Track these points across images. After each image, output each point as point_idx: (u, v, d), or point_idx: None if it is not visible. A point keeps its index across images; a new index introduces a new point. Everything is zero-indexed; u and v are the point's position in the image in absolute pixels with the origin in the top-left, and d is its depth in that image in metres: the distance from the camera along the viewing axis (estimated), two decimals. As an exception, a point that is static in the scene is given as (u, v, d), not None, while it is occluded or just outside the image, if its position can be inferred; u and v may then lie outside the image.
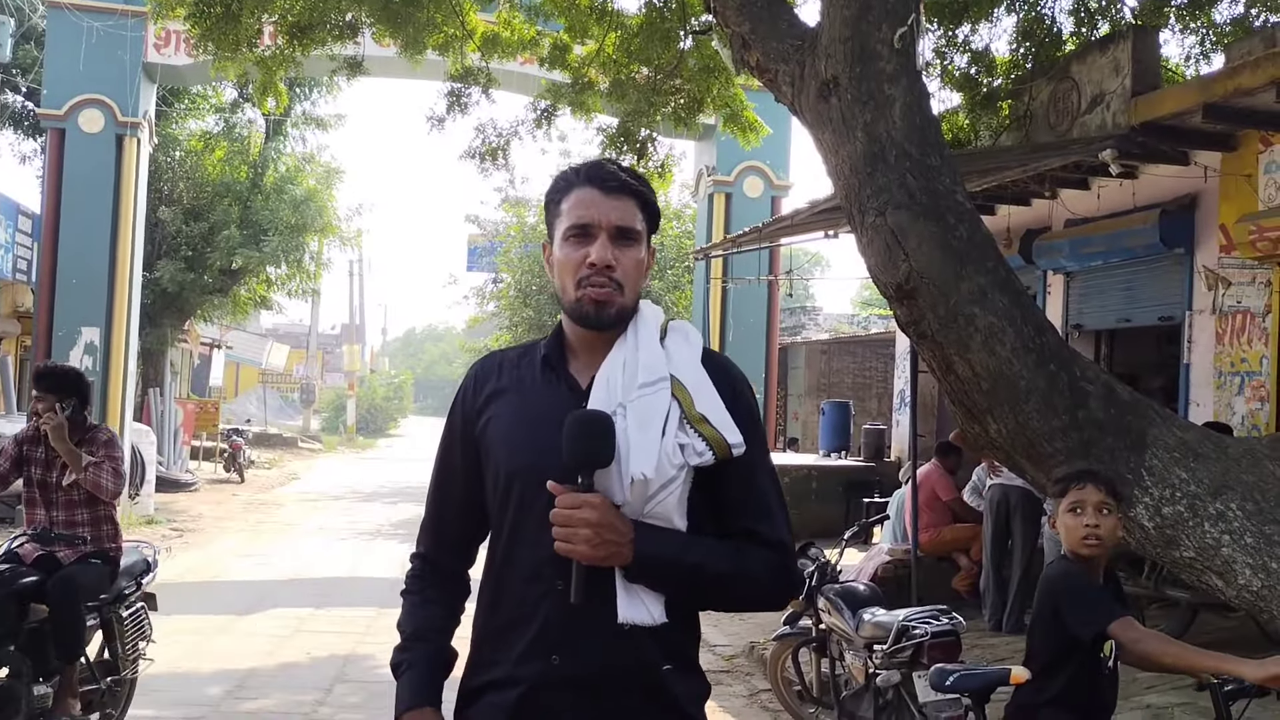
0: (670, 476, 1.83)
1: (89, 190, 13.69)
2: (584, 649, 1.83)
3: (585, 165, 2.01)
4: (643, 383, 1.87)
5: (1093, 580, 3.20)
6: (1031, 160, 7.68)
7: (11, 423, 14.77)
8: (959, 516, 8.59)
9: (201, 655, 7.42)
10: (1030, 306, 4.80)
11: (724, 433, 1.86)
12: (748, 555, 1.89)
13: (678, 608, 1.87)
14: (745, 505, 1.92)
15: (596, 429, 1.82)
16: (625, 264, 1.93)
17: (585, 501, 1.79)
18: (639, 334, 1.94)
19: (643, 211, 1.97)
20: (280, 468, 27.23)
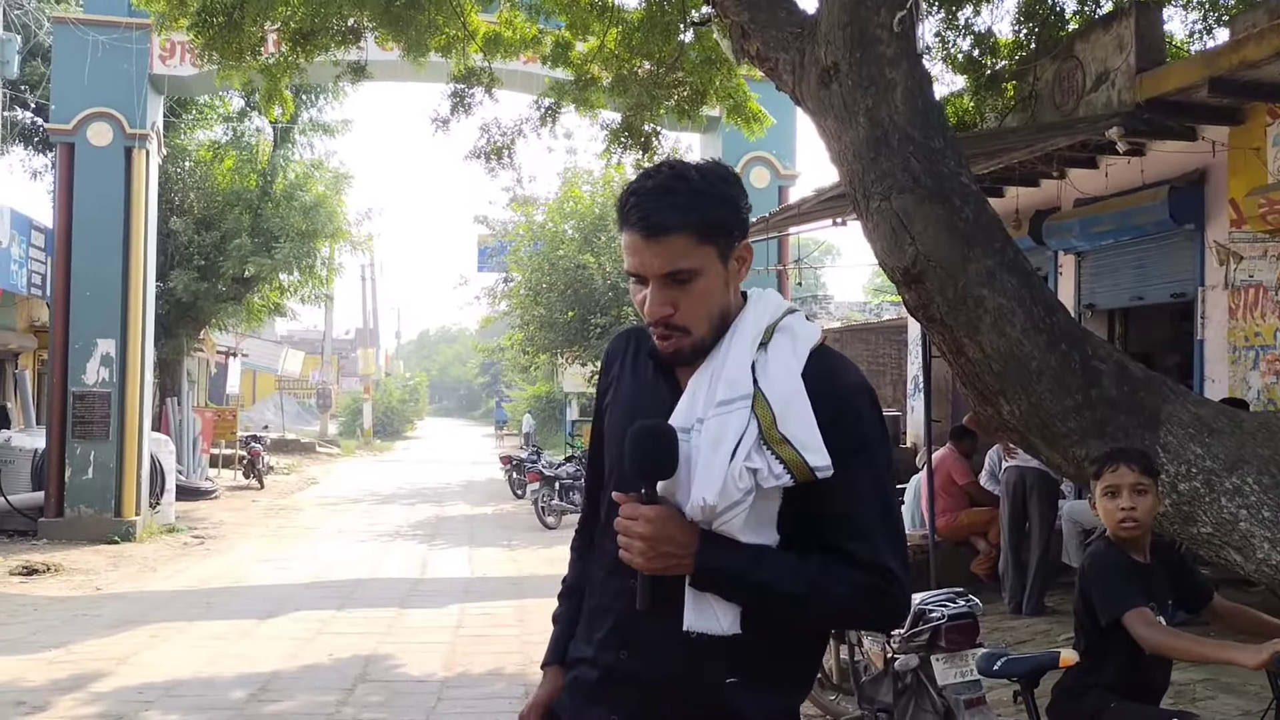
0: (735, 500, 1.77)
1: (100, 203, 13.76)
2: (649, 650, 1.83)
3: (631, 200, 1.87)
4: (721, 400, 1.80)
5: (1133, 561, 3.18)
6: (1038, 140, 7.65)
7: (31, 436, 14.90)
8: (975, 500, 8.58)
9: (225, 660, 7.47)
10: (1039, 286, 4.79)
11: (805, 455, 1.76)
12: (831, 576, 1.79)
13: (756, 621, 1.80)
14: (840, 523, 1.81)
15: (656, 444, 1.78)
16: (685, 304, 1.85)
17: (641, 514, 1.77)
18: (733, 342, 1.86)
19: (700, 238, 1.84)
20: (299, 473, 27.35)
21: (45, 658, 7.48)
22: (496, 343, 31.43)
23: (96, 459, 13.69)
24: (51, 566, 11.62)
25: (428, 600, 9.83)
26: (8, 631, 8.45)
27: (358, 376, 51.66)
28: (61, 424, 13.67)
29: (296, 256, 20.17)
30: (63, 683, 6.77)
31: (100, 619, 8.96)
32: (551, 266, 23.33)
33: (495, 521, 17.29)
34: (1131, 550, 3.22)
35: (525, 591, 9.88)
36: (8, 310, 16.55)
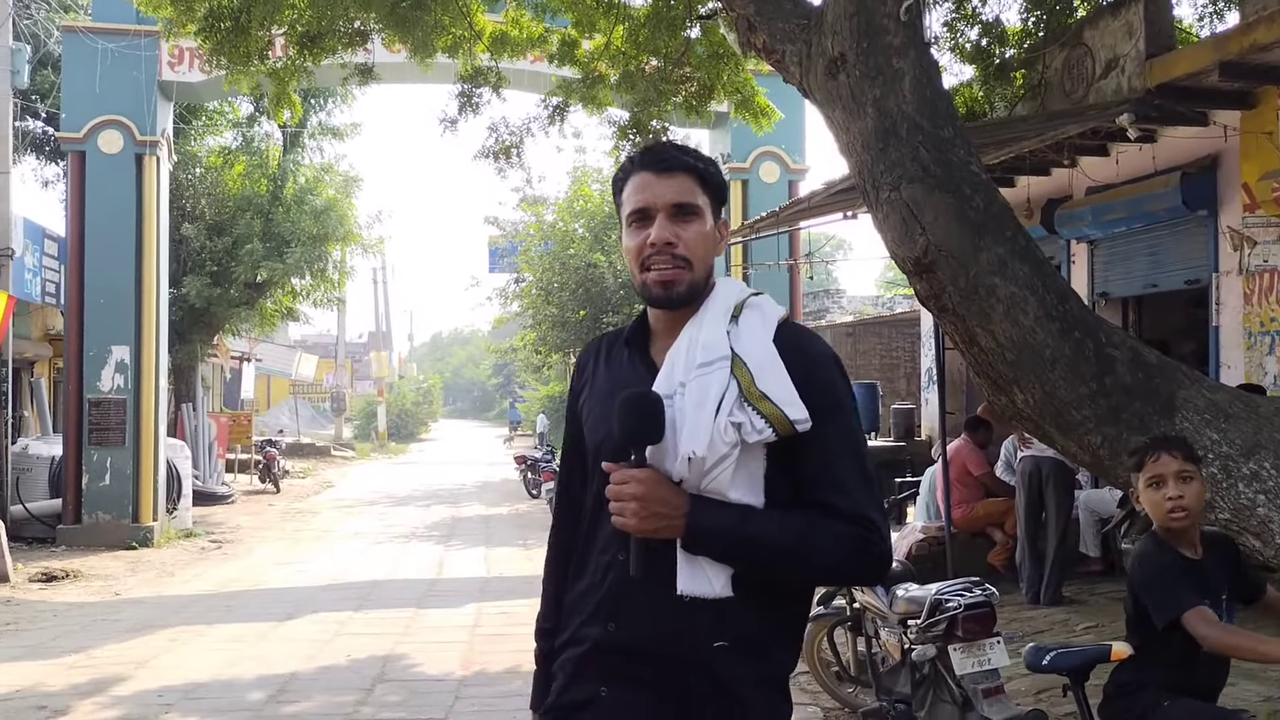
0: (723, 454, 1.85)
1: (112, 210, 13.83)
2: (636, 619, 1.89)
3: (640, 151, 2.04)
4: (701, 362, 1.90)
5: (1184, 557, 3.10)
6: (1048, 129, 7.61)
7: (48, 444, 14.99)
8: (991, 491, 8.55)
9: (244, 662, 7.50)
10: (1051, 274, 4.76)
11: (785, 409, 1.85)
12: (817, 529, 1.87)
13: (748, 584, 1.87)
14: (820, 479, 1.90)
15: (643, 408, 1.86)
16: (688, 238, 1.95)
17: (632, 476, 1.84)
18: (706, 313, 1.96)
19: (702, 186, 1.99)
20: (315, 476, 27.45)
21: (65, 662, 7.52)
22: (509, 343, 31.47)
23: (113, 465, 13.76)
24: (70, 572, 11.69)
25: (444, 600, 9.85)
26: (28, 637, 8.50)
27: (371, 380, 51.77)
28: (78, 431, 13.75)
29: (308, 260, 20.25)
30: (83, 687, 6.81)
31: (119, 623, 9.01)
32: (562, 266, 23.35)
33: (511, 521, 17.31)
34: (1180, 545, 3.12)
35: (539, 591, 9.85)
36: (23, 319, 16.64)
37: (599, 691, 1.93)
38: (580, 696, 1.96)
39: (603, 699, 1.92)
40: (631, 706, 1.90)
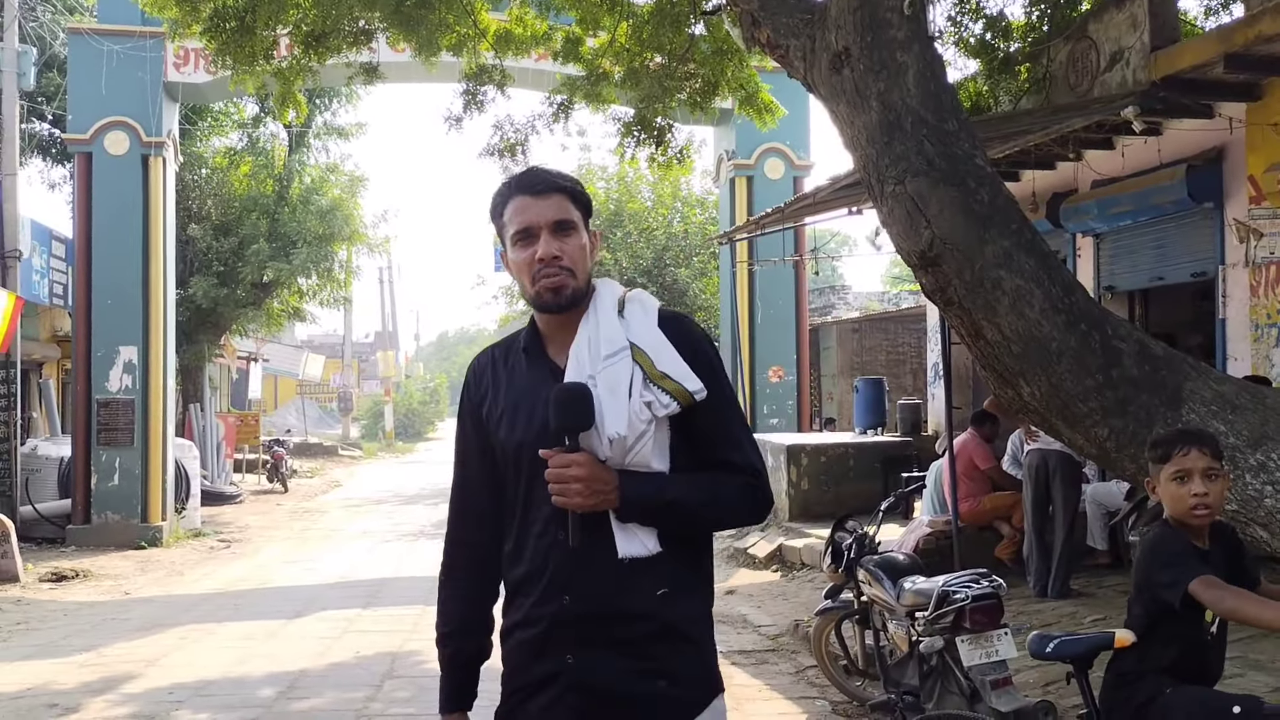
0: (641, 430, 2.11)
1: (118, 212, 13.88)
2: (589, 587, 2.12)
3: (515, 177, 2.30)
4: (606, 354, 2.15)
5: (1193, 543, 3.10)
6: (1053, 122, 7.60)
7: (57, 445, 15.04)
8: (998, 485, 8.55)
9: (253, 659, 7.53)
10: (1057, 267, 4.76)
11: (684, 383, 2.13)
12: (721, 483, 2.19)
13: (670, 538, 2.15)
14: (716, 440, 2.21)
15: (574, 398, 2.10)
16: (569, 250, 2.21)
17: (573, 460, 2.08)
18: (598, 312, 2.21)
19: (574, 203, 2.25)
20: (322, 476, 27.50)
21: (76, 661, 7.56)
22: (515, 342, 31.42)
23: (122, 466, 13.82)
24: (80, 572, 11.74)
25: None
26: (39, 636, 8.54)
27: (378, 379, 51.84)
28: (86, 432, 13.80)
29: (314, 260, 20.30)
30: (94, 685, 6.84)
31: (129, 622, 9.05)
32: (569, 261, 23.33)
33: (518, 519, 17.30)
34: (1191, 535, 3.13)
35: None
36: (31, 321, 16.70)
37: (566, 660, 2.12)
38: (546, 671, 2.14)
39: (570, 665, 2.12)
40: (602, 665, 2.11)
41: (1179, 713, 3.05)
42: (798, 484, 11.75)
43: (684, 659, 2.16)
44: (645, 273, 22.51)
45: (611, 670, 2.11)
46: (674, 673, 2.14)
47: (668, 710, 2.14)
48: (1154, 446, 3.25)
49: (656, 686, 2.12)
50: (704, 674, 2.20)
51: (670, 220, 23.77)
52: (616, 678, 2.11)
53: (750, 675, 6.85)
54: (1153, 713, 3.09)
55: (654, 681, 2.12)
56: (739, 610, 8.87)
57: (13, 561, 11.13)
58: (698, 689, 2.18)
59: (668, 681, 2.13)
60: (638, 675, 2.11)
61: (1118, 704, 3.19)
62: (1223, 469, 3.17)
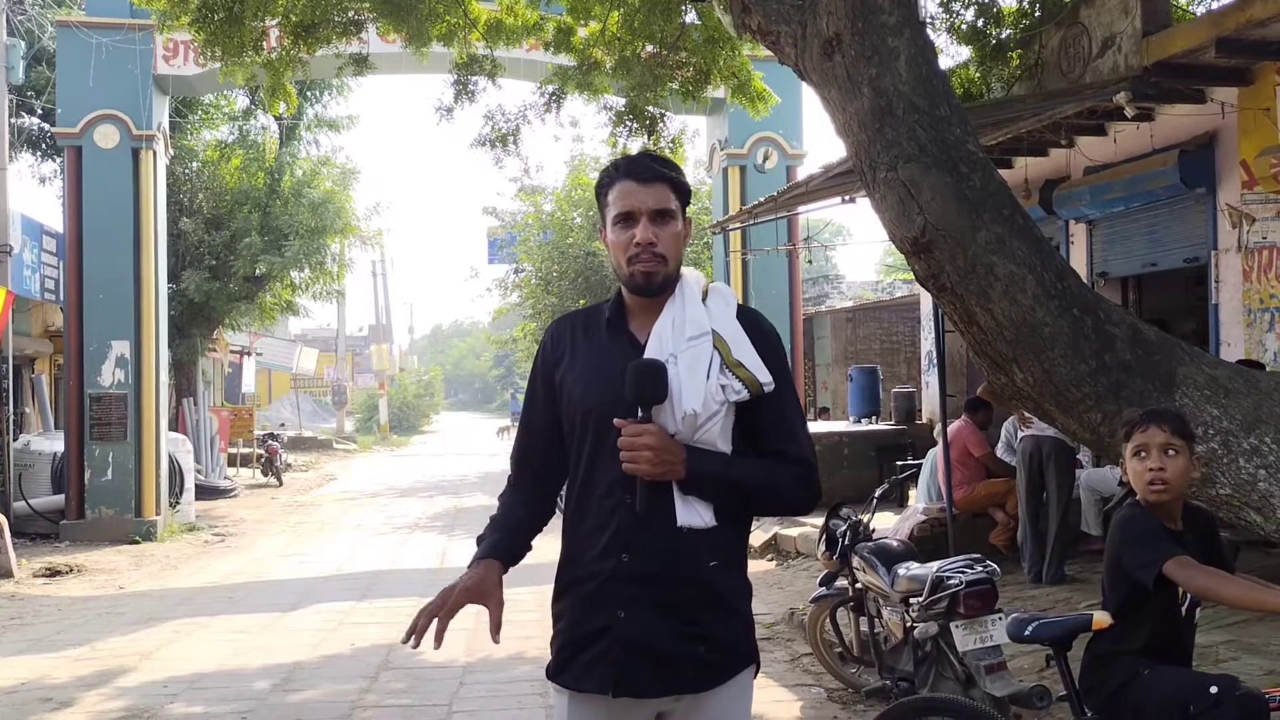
0: (714, 411, 2.26)
1: (109, 205, 13.81)
2: (648, 549, 2.26)
3: (624, 161, 2.43)
4: (690, 336, 2.30)
5: (1163, 524, 3.11)
6: (1045, 109, 7.58)
7: (49, 440, 15.00)
8: (992, 472, 8.55)
9: (249, 653, 7.52)
10: (1050, 253, 4.75)
11: (757, 374, 2.29)
12: (778, 471, 2.34)
13: (725, 515, 2.30)
14: (776, 431, 2.35)
15: (653, 373, 2.25)
16: (665, 239, 2.35)
17: (646, 430, 2.22)
18: (685, 296, 2.36)
19: (675, 193, 2.39)
20: (317, 470, 27.46)
21: (70, 655, 7.55)
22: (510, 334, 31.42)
23: (115, 460, 13.78)
24: (74, 567, 11.71)
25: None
26: (33, 631, 8.52)
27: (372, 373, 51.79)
28: (79, 427, 13.75)
29: (307, 253, 20.22)
30: (88, 679, 6.83)
31: (124, 617, 9.03)
32: (561, 255, 23.32)
33: (513, 511, 17.29)
34: (1162, 517, 3.14)
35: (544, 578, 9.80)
36: (22, 316, 16.64)
37: (617, 614, 2.27)
38: (598, 625, 2.29)
39: (621, 620, 2.27)
40: (648, 622, 2.26)
41: (1156, 693, 3.07)
42: (792, 473, 11.73)
43: (726, 628, 2.31)
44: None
45: (657, 629, 2.25)
46: (715, 639, 2.28)
47: (705, 672, 2.28)
48: (1122, 425, 3.29)
49: (697, 650, 2.26)
50: (742, 645, 2.34)
51: (663, 210, 23.72)
52: (661, 637, 2.25)
53: (746, 664, 6.85)
54: (1131, 693, 3.11)
55: (695, 645, 2.26)
56: (734, 599, 8.87)
57: (6, 557, 11.10)
58: (733, 657, 2.32)
59: (707, 647, 2.27)
60: (681, 637, 2.26)
61: (1096, 685, 3.21)
62: (1185, 446, 3.17)
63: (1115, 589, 3.19)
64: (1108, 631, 3.17)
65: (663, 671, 2.26)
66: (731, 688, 2.31)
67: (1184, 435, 3.18)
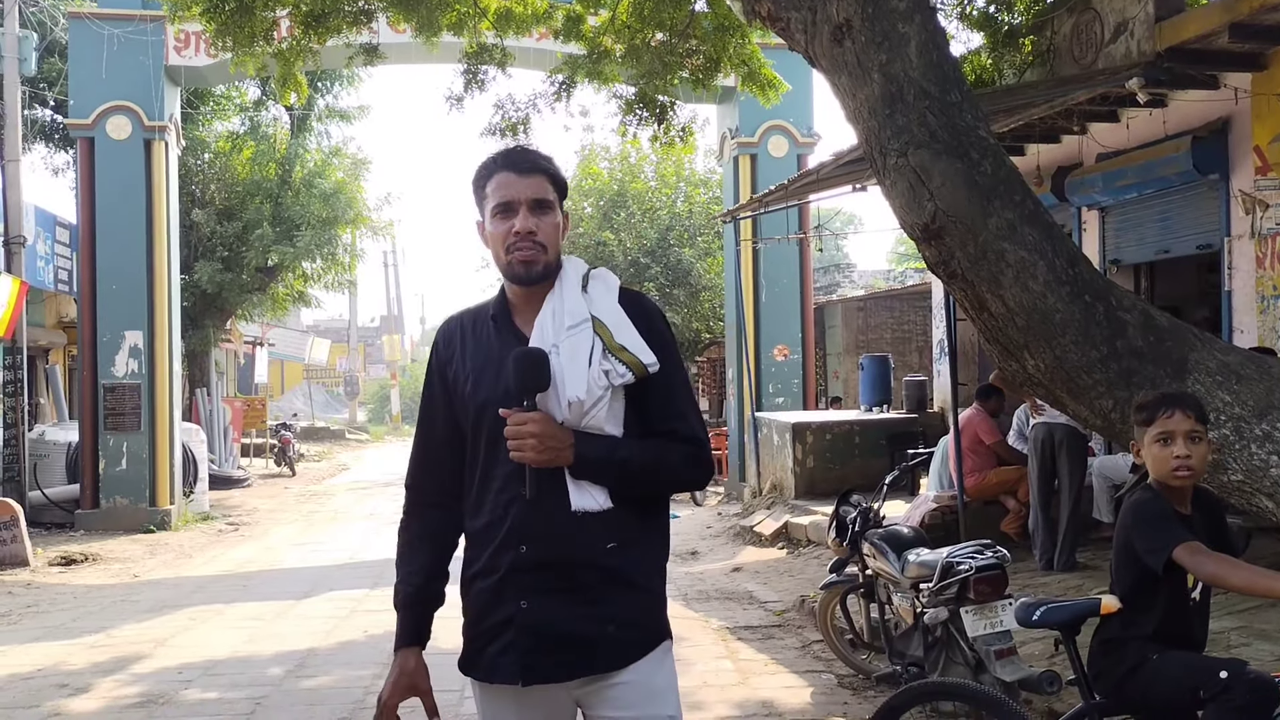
0: (598, 396, 2.29)
1: (122, 196, 13.87)
2: (544, 537, 2.28)
3: (501, 154, 2.44)
4: (569, 325, 2.32)
5: (1176, 508, 3.12)
6: (1057, 95, 7.55)
7: (64, 430, 15.10)
8: (1004, 459, 8.53)
9: (262, 639, 7.57)
10: (1061, 239, 4.74)
11: (640, 355, 2.31)
12: (668, 450, 2.36)
13: (620, 497, 2.32)
14: (665, 411, 2.38)
15: (533, 361, 2.28)
16: (544, 228, 2.36)
17: (530, 418, 2.25)
18: (564, 287, 2.38)
19: (552, 184, 2.41)
20: (329, 460, 27.59)
21: (86, 642, 7.61)
22: (520, 324, 31.41)
23: (129, 450, 13.86)
24: (89, 556, 11.80)
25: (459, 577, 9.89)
26: (49, 619, 8.60)
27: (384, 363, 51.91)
28: (93, 417, 13.84)
29: (318, 244, 20.28)
30: (104, 665, 6.89)
31: (138, 604, 9.10)
32: (571, 245, 23.31)
33: (525, 500, 17.33)
34: (1174, 500, 3.16)
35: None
36: (36, 307, 16.74)
37: (519, 605, 2.29)
38: (502, 616, 2.30)
39: (524, 610, 2.28)
40: (552, 609, 2.27)
41: (1165, 677, 3.07)
42: (803, 462, 11.76)
43: (632, 605, 2.32)
44: (649, 253, 22.47)
45: (562, 615, 2.27)
46: (621, 617, 2.30)
47: (613, 651, 2.30)
48: (1139, 409, 3.26)
49: (605, 630, 2.28)
50: (651, 621, 2.37)
51: (674, 200, 23.71)
52: (567, 622, 2.27)
53: (756, 650, 6.87)
54: (1140, 678, 3.11)
55: (603, 625, 2.28)
56: (745, 587, 8.89)
57: (22, 546, 11.19)
58: (644, 633, 2.34)
59: (615, 626, 2.29)
60: (587, 619, 2.28)
61: (1105, 670, 3.21)
62: (1205, 432, 3.18)
63: (1124, 573, 3.19)
64: (1116, 616, 3.18)
65: (570, 656, 2.28)
66: (646, 664, 2.32)
67: (1204, 420, 3.20)
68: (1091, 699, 3.24)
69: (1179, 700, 3.06)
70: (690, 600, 8.29)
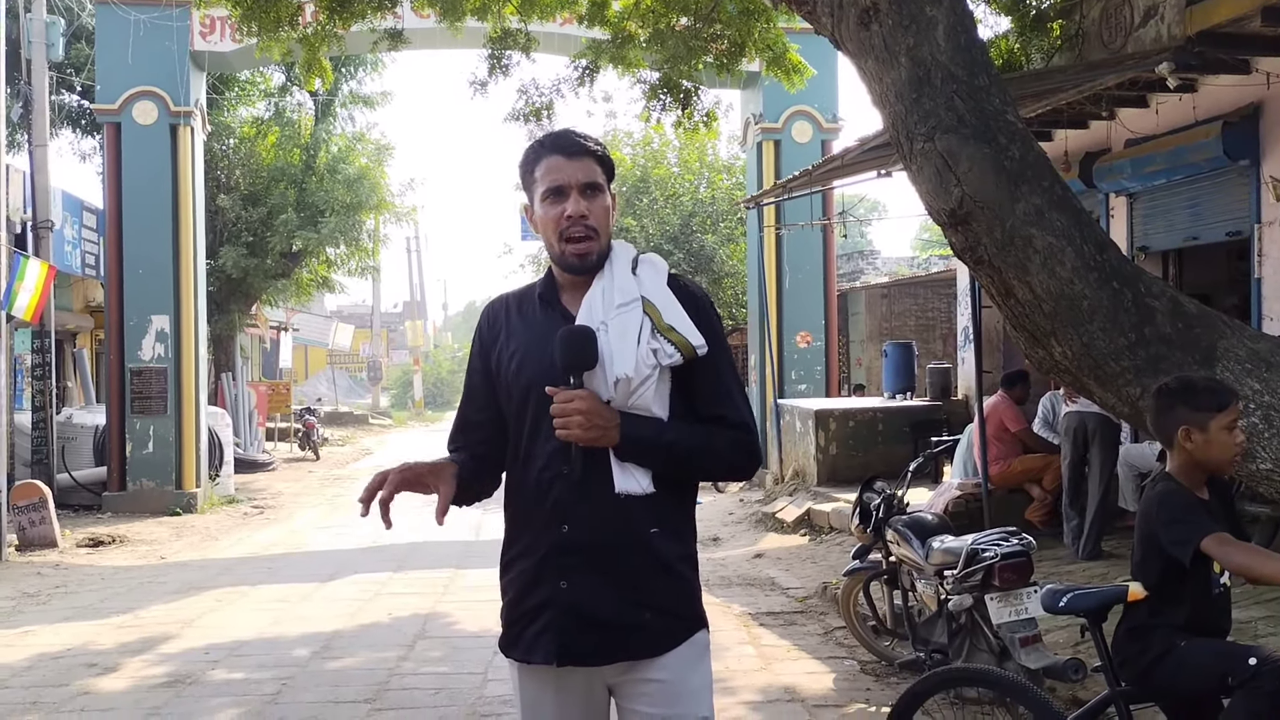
0: (646, 375, 2.27)
1: (148, 181, 13.96)
2: (587, 518, 2.27)
3: (549, 136, 2.43)
4: (619, 304, 2.31)
5: (1195, 495, 3.12)
6: (1086, 80, 7.47)
7: (91, 413, 15.24)
8: (1029, 448, 8.49)
9: (287, 622, 7.63)
10: (1090, 224, 4.70)
11: (689, 337, 2.29)
12: (715, 434, 2.34)
13: (664, 481, 2.30)
14: (712, 395, 2.35)
15: (581, 338, 2.26)
16: (596, 211, 2.35)
17: (576, 395, 2.23)
18: (614, 267, 2.37)
19: (601, 167, 2.40)
20: (353, 444, 27.76)
21: (114, 623, 7.70)
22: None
23: (156, 433, 13.99)
24: (116, 538, 11.93)
25: (483, 561, 9.94)
26: (77, 599, 8.70)
27: (407, 349, 52.12)
28: (120, 400, 13.97)
29: (342, 230, 20.35)
30: (131, 645, 6.97)
31: (165, 586, 9.19)
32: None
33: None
34: (1193, 485, 3.16)
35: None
36: (64, 291, 16.88)
37: (559, 586, 2.28)
38: (541, 597, 2.30)
39: (564, 591, 2.28)
40: (591, 591, 2.26)
41: (1194, 664, 3.06)
42: (826, 449, 11.73)
43: (671, 594, 2.32)
44: (672, 239, 22.43)
45: (600, 598, 2.27)
46: (659, 604, 2.29)
47: (650, 638, 2.29)
48: (1201, 392, 3.18)
49: (643, 617, 2.28)
50: (688, 609, 2.35)
51: (697, 186, 23.65)
52: (605, 605, 2.26)
53: (778, 636, 6.88)
54: (1167, 665, 3.10)
55: (641, 612, 2.28)
56: (767, 573, 8.89)
57: (51, 527, 11.32)
58: (681, 622, 2.33)
59: (653, 613, 2.28)
60: (626, 604, 2.27)
61: (1131, 657, 3.20)
62: None
63: (1148, 564, 3.17)
64: (1143, 603, 3.16)
65: (608, 640, 2.27)
66: (684, 651, 2.31)
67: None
68: (1117, 686, 3.23)
69: (1207, 687, 3.05)
70: (712, 586, 8.30)
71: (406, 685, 5.95)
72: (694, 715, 2.31)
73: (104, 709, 5.60)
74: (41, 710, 5.58)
